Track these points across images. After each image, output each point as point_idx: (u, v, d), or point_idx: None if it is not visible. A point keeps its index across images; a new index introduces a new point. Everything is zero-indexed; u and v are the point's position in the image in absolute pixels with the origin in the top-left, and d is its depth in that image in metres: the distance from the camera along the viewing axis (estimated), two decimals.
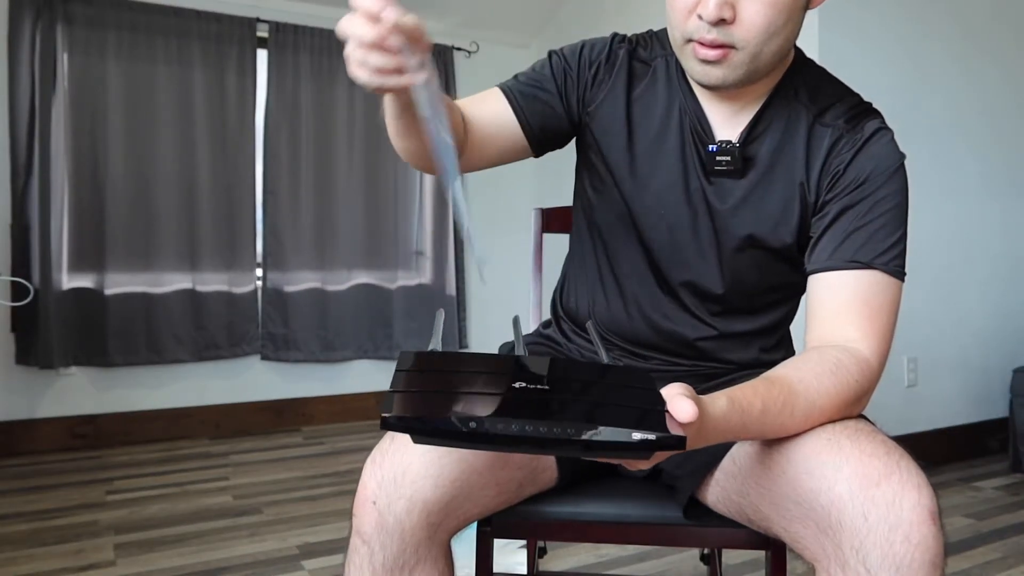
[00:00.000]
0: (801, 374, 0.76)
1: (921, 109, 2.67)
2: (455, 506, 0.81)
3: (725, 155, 0.90)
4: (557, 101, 0.97)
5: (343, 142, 3.47)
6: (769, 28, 0.81)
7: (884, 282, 0.84)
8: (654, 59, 0.97)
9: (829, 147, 0.88)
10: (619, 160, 0.96)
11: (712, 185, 0.92)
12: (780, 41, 0.83)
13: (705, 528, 0.90)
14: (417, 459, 0.79)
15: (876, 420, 0.83)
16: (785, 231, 0.90)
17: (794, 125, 0.90)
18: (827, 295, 0.84)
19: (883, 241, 0.84)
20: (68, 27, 2.95)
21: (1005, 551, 1.97)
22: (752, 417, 0.70)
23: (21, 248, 2.87)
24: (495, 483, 0.85)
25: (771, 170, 0.90)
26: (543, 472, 0.92)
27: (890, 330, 0.84)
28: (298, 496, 2.41)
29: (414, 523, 0.78)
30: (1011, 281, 2.94)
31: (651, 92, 0.96)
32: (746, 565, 1.85)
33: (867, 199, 0.85)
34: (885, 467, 0.69)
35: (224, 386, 3.29)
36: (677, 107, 0.94)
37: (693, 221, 0.93)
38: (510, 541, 1.84)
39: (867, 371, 0.80)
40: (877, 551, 0.66)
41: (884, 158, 0.87)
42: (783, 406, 0.72)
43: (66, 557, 1.91)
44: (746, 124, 0.91)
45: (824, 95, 0.92)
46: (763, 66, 0.84)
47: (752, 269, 0.94)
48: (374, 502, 0.78)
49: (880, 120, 0.90)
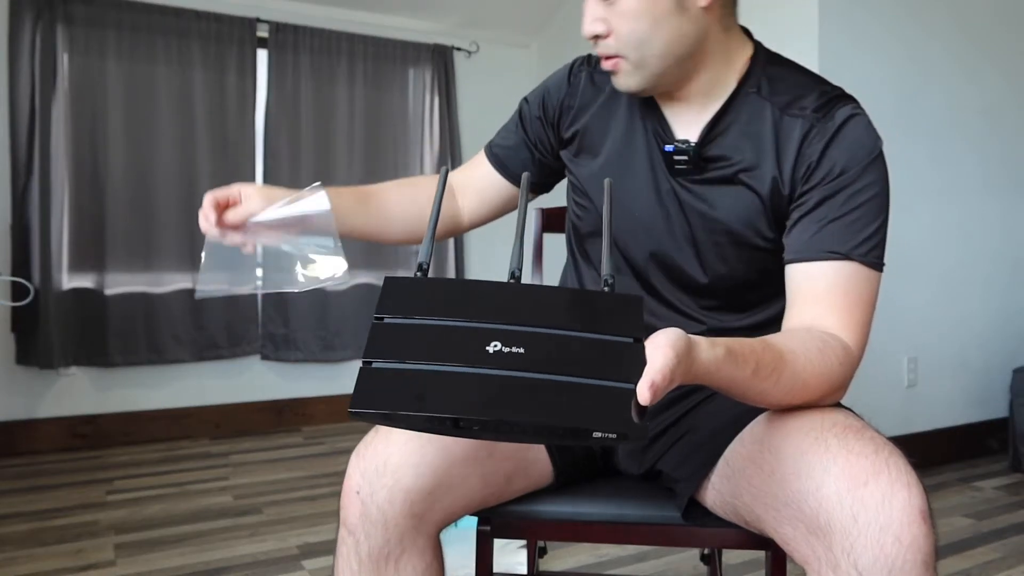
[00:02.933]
0: (792, 345, 0.75)
1: (921, 108, 2.67)
2: (438, 496, 0.81)
3: (682, 155, 0.92)
4: (533, 148, 1.07)
5: (343, 142, 3.47)
6: (635, 35, 0.86)
7: (862, 273, 0.83)
8: None
9: (800, 138, 0.87)
10: (591, 174, 1.00)
11: (682, 186, 0.94)
12: (661, 45, 0.86)
13: (704, 528, 0.90)
14: (398, 449, 0.81)
15: (876, 420, 0.82)
16: (762, 225, 0.90)
17: (757, 121, 0.90)
18: (805, 284, 0.85)
19: (860, 232, 0.84)
20: (68, 27, 2.95)
21: (1005, 551, 1.97)
22: (743, 374, 0.69)
23: (21, 248, 2.87)
24: (480, 474, 0.85)
25: (737, 167, 0.91)
26: (534, 464, 0.92)
27: (868, 321, 0.84)
28: (298, 496, 2.41)
29: (396, 512, 0.79)
30: (1011, 281, 2.94)
31: (615, 103, 0.99)
32: (746, 565, 1.85)
33: (845, 190, 0.85)
34: (873, 466, 0.68)
35: (224, 386, 3.29)
36: (639, 115, 0.97)
37: (667, 220, 0.95)
38: (510, 541, 1.84)
39: (848, 359, 0.80)
40: (868, 553, 0.65)
41: (859, 147, 0.85)
42: (771, 371, 0.72)
43: (66, 557, 1.91)
44: (706, 123, 0.92)
45: (788, 86, 0.91)
46: (656, 70, 0.88)
47: (738, 263, 0.94)
48: (358, 492, 0.80)
49: (852, 105, 0.88)
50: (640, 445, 0.98)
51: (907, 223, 2.61)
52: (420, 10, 3.60)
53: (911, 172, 2.63)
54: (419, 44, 3.64)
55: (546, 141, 1.06)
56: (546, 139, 1.05)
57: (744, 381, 0.70)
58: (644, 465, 0.98)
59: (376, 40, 3.54)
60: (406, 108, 3.63)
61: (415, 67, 3.65)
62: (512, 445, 0.88)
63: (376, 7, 3.51)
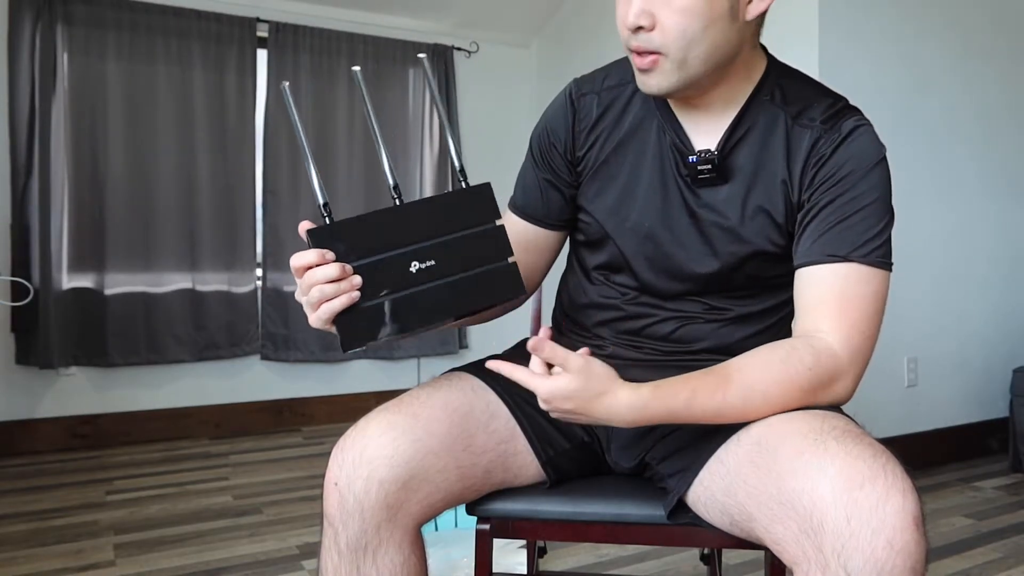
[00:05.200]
0: (743, 362, 0.82)
1: (918, 112, 2.68)
2: (413, 487, 0.83)
3: (706, 164, 0.92)
4: (559, 184, 1.04)
5: (343, 142, 3.47)
6: (686, 34, 0.83)
7: (862, 274, 0.85)
8: (624, 84, 1.00)
9: (809, 147, 0.90)
10: (601, 191, 1.00)
11: (696, 196, 0.94)
12: (706, 47, 0.85)
13: (703, 528, 0.90)
14: (373, 441, 0.83)
15: (876, 420, 0.83)
16: (773, 232, 0.92)
17: (772, 128, 0.92)
18: (806, 289, 0.87)
19: (862, 234, 0.85)
20: (68, 27, 2.95)
21: (1005, 551, 1.97)
22: (678, 403, 0.79)
23: (21, 248, 2.87)
24: (455, 467, 0.86)
25: (754, 175, 0.92)
26: (514, 457, 0.93)
27: (866, 320, 0.84)
28: (298, 496, 2.41)
29: (372, 503, 0.81)
30: (1010, 281, 2.95)
31: (625, 117, 0.98)
32: (746, 565, 1.85)
33: (846, 194, 0.87)
34: (870, 470, 0.68)
35: (224, 386, 3.29)
36: (654, 126, 0.96)
37: (677, 233, 0.95)
38: (510, 541, 1.84)
39: (826, 360, 0.81)
40: (859, 555, 0.65)
41: (863, 154, 0.88)
42: (715, 390, 0.79)
43: (66, 557, 1.91)
44: (724, 131, 0.93)
45: (800, 97, 0.93)
46: (695, 73, 0.86)
47: (748, 268, 0.95)
48: (336, 483, 0.82)
49: (857, 117, 0.91)
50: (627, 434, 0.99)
51: (906, 225, 2.61)
52: (420, 10, 3.60)
53: (909, 175, 2.63)
54: (419, 44, 3.64)
55: (563, 170, 1.03)
56: (564, 168, 1.03)
57: (684, 408, 0.79)
58: (635, 458, 0.99)
59: (376, 40, 3.54)
60: (406, 108, 3.63)
61: (415, 67, 3.65)
62: (490, 439, 0.91)
63: (376, 7, 3.51)
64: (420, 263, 0.83)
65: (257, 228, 3.33)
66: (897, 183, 1.03)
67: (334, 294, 0.79)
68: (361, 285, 0.80)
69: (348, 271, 0.80)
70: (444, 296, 0.84)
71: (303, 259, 0.80)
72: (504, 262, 0.86)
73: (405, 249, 0.83)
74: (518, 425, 0.93)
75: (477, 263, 0.85)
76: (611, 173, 0.99)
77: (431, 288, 0.83)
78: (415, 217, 0.84)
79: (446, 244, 0.84)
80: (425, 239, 0.84)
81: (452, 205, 0.86)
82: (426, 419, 0.85)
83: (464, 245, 0.85)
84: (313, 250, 0.80)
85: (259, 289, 3.33)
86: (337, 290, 0.79)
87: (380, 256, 0.82)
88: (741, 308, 0.98)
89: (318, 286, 0.79)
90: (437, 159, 3.68)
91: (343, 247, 0.81)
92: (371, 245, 0.82)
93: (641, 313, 1.00)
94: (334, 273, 0.79)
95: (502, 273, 0.86)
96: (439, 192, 3.67)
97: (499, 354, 1.06)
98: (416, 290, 0.82)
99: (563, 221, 1.06)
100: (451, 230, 0.85)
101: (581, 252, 1.08)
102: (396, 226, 0.83)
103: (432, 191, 3.67)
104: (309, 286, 0.80)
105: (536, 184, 1.05)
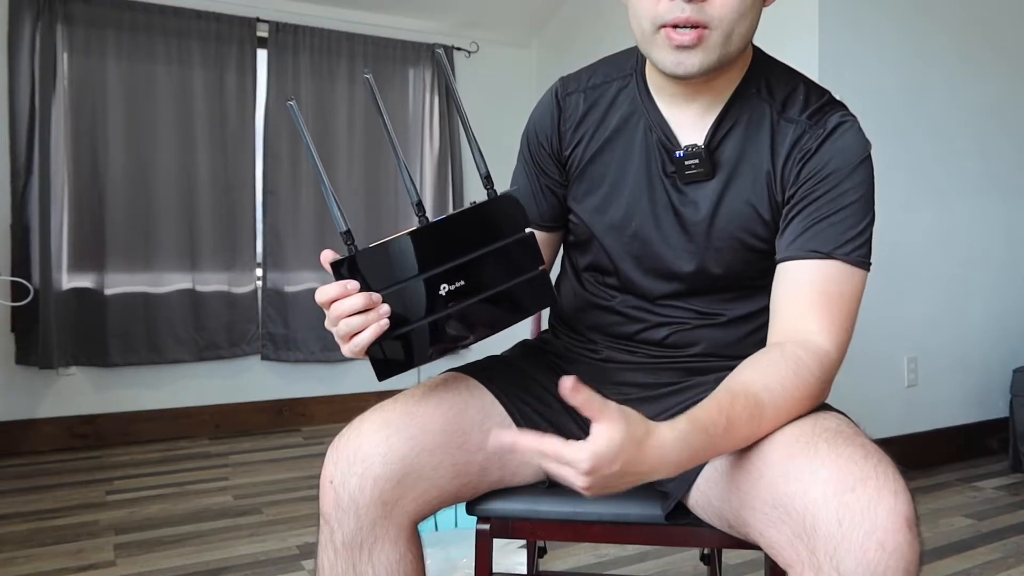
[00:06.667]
0: (766, 380, 0.77)
1: (924, 104, 2.66)
2: (408, 485, 0.83)
3: (693, 159, 0.91)
4: (550, 184, 1.03)
5: (343, 142, 3.47)
6: (737, 8, 0.82)
7: (844, 272, 0.85)
8: (610, 82, 0.99)
9: (793, 142, 0.89)
10: (588, 191, 0.99)
11: (681, 193, 0.94)
12: (747, 25, 0.85)
13: (703, 528, 0.90)
14: (368, 439, 0.83)
15: (876, 420, 0.83)
16: (758, 226, 0.92)
17: (758, 121, 0.91)
18: (788, 284, 0.86)
19: (844, 232, 0.85)
20: (68, 27, 2.95)
21: (1005, 551, 1.97)
22: (718, 434, 0.71)
23: (21, 248, 2.87)
24: (451, 464, 0.86)
25: (740, 168, 0.92)
26: (511, 455, 0.92)
27: (849, 319, 0.85)
28: (298, 496, 2.41)
29: (367, 500, 0.81)
30: (1011, 281, 2.94)
31: (611, 115, 0.98)
32: (746, 565, 1.85)
33: (831, 191, 0.87)
34: (862, 472, 0.68)
35: (224, 386, 3.29)
36: (641, 123, 0.96)
37: (664, 231, 0.95)
38: (510, 541, 1.84)
39: (826, 363, 0.82)
40: (851, 557, 0.64)
41: (849, 151, 0.87)
42: (750, 418, 0.74)
43: (66, 557, 1.91)
44: (710, 126, 0.92)
45: (785, 90, 0.92)
46: (734, 51, 0.85)
47: (733, 264, 0.94)
48: (331, 481, 0.83)
49: (842, 112, 0.90)
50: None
51: (908, 222, 2.60)
52: (420, 10, 3.60)
53: (913, 171, 2.62)
54: (419, 44, 3.64)
55: (552, 169, 1.03)
56: (553, 168, 1.03)
57: (724, 438, 0.72)
58: None
59: (376, 40, 3.54)
60: (406, 108, 3.63)
61: (415, 67, 3.65)
62: (486, 437, 0.89)
63: (376, 7, 3.51)
64: (449, 285, 0.81)
65: (257, 228, 3.33)
66: (897, 182, 1.03)
67: (362, 326, 0.77)
68: (390, 313, 0.78)
69: (376, 300, 0.78)
70: (476, 315, 0.83)
71: (326, 294, 0.78)
72: (534, 271, 0.85)
73: (433, 272, 0.81)
74: (514, 424, 0.93)
75: (507, 277, 0.84)
76: (597, 172, 0.99)
77: (462, 309, 0.82)
78: (441, 237, 0.82)
79: (475, 261, 0.82)
80: (453, 259, 0.82)
81: (478, 220, 0.83)
82: (420, 417, 0.86)
83: (493, 260, 0.83)
84: (335, 283, 0.77)
85: (259, 289, 3.33)
86: (364, 321, 0.77)
87: (407, 281, 0.80)
88: (732, 311, 0.97)
89: (344, 319, 0.77)
90: (437, 159, 3.68)
91: (369, 275, 0.79)
92: (397, 271, 0.80)
93: (632, 317, 1.00)
94: (360, 304, 0.77)
95: (532, 283, 0.85)
96: (439, 191, 3.67)
97: (499, 354, 1.07)
98: (447, 312, 0.82)
99: (557, 222, 1.05)
100: (479, 246, 0.83)
101: (572, 253, 1.07)
102: (422, 248, 0.81)
103: (432, 191, 3.66)
104: (336, 319, 0.78)
105: (528, 185, 1.05)
